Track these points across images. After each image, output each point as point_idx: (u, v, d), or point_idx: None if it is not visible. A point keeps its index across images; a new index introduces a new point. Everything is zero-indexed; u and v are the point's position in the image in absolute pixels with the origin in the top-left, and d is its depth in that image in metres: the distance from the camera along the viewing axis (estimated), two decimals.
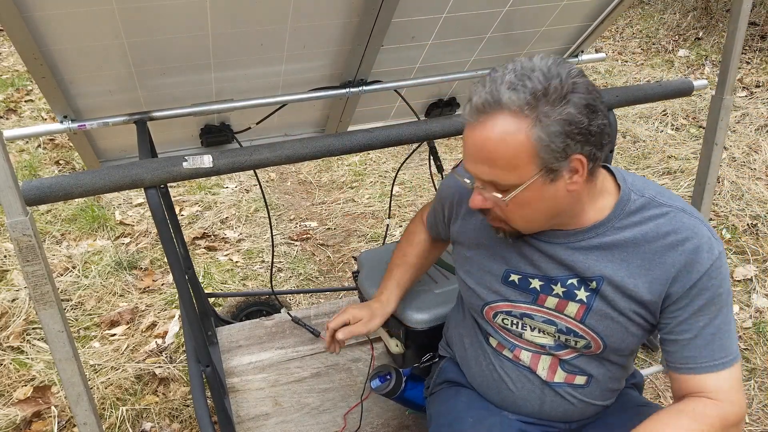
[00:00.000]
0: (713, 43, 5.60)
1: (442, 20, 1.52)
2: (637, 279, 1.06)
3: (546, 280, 1.13)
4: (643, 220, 1.07)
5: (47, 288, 1.05)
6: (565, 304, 1.12)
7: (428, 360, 1.48)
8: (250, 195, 3.72)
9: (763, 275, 2.75)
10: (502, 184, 0.98)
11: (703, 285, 1.03)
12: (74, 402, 1.14)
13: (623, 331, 1.11)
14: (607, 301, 1.09)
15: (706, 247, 1.03)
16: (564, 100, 0.92)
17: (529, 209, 1.02)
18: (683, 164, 3.72)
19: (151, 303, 2.71)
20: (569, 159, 0.95)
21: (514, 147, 0.94)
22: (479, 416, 1.22)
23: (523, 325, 1.18)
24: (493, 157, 0.96)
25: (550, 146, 0.93)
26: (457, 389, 1.33)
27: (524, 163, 0.95)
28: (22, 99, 5.10)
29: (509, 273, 1.17)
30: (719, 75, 1.60)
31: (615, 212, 1.07)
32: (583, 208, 1.07)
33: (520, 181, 0.97)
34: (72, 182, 1.18)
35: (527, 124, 0.92)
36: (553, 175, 0.97)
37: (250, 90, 1.55)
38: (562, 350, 1.17)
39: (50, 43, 1.18)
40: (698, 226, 1.05)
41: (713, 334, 1.04)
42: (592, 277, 1.09)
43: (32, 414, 2.09)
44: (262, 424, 1.72)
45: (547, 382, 1.20)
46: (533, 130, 0.92)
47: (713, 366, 1.04)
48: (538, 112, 0.92)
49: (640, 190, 1.10)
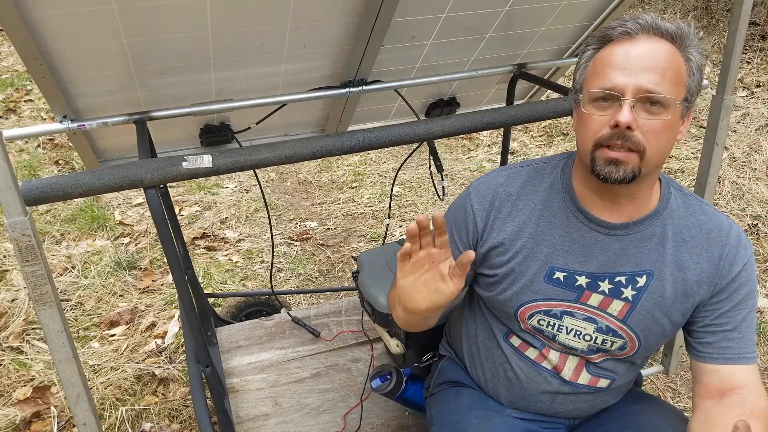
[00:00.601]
0: (714, 42, 5.59)
1: (442, 20, 1.51)
2: (687, 273, 1.09)
3: (593, 277, 1.11)
4: (687, 214, 1.12)
5: (47, 288, 1.05)
6: (610, 302, 1.12)
7: (429, 359, 1.48)
8: (249, 195, 3.72)
9: (763, 275, 2.75)
10: (663, 98, 0.98)
11: (743, 279, 1.08)
12: (74, 402, 1.14)
13: (660, 331, 1.12)
14: (653, 298, 1.10)
15: (744, 243, 1.10)
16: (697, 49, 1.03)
17: (664, 138, 1.01)
18: (684, 164, 3.72)
19: (151, 303, 2.71)
20: (693, 102, 1.03)
21: (678, 63, 1.00)
22: (483, 416, 1.21)
23: (559, 327, 1.15)
24: (664, 66, 0.99)
25: (696, 76, 1.02)
26: (458, 390, 1.33)
27: (680, 83, 1.01)
28: (21, 99, 5.10)
29: (554, 270, 1.13)
30: (720, 75, 1.59)
31: (661, 204, 1.11)
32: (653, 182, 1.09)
33: (677, 97, 1.00)
34: (71, 182, 1.18)
35: (681, 52, 1.01)
36: (685, 108, 1.02)
37: (249, 90, 1.55)
38: (593, 354, 1.16)
39: (50, 43, 1.18)
40: (733, 224, 1.11)
41: (748, 327, 1.09)
42: (642, 271, 1.10)
43: (32, 414, 2.09)
44: (261, 425, 1.72)
45: (567, 382, 1.19)
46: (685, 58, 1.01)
47: (749, 358, 1.08)
48: (688, 48, 1.01)
49: (677, 186, 1.15)
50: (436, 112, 2.01)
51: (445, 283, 1.01)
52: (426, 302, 1.04)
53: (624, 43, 1.00)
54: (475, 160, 4.11)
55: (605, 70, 1.01)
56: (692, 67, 1.01)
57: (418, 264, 1.03)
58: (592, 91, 1.01)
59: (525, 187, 1.17)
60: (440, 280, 1.01)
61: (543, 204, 1.15)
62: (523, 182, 1.18)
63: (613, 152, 1.00)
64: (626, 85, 0.98)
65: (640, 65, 0.98)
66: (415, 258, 1.02)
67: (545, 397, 1.21)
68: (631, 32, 0.99)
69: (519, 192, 1.17)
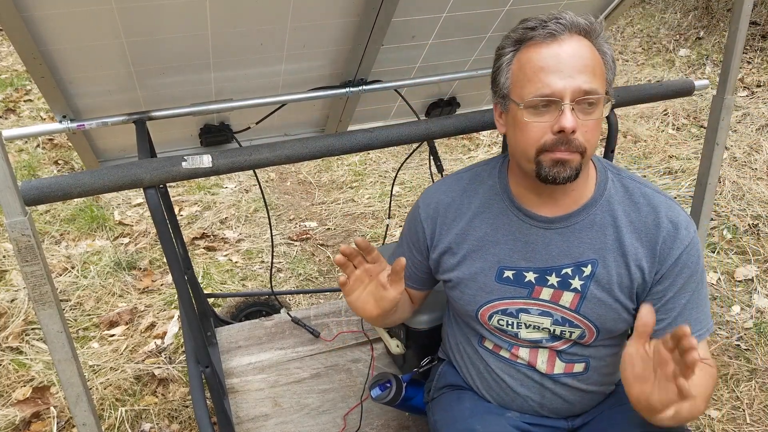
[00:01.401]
0: (714, 42, 5.59)
1: (443, 20, 1.51)
2: (628, 258, 1.09)
3: (540, 272, 1.14)
4: (624, 199, 1.12)
5: (46, 288, 1.05)
6: (560, 294, 1.14)
7: (427, 363, 1.48)
8: (249, 195, 3.72)
9: (764, 275, 2.74)
10: (597, 94, 1.01)
11: (684, 262, 1.08)
12: (73, 403, 1.14)
13: (615, 317, 1.13)
14: (600, 286, 1.11)
15: (684, 225, 1.09)
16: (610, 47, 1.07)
17: (597, 133, 1.05)
18: (684, 164, 3.72)
19: (151, 303, 2.71)
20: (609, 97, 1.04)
21: (598, 58, 1.03)
22: (486, 422, 1.21)
23: (518, 324, 1.19)
24: (592, 65, 1.01)
25: (609, 72, 1.05)
26: (459, 394, 1.33)
27: (603, 76, 1.04)
28: (21, 99, 5.09)
29: (503, 269, 1.17)
30: (720, 75, 1.59)
31: (597, 192, 1.12)
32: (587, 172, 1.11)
33: (604, 92, 1.03)
34: (71, 182, 1.18)
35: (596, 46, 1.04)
36: (606, 101, 1.04)
37: (249, 90, 1.54)
38: (557, 341, 1.19)
39: (49, 43, 1.18)
40: (674, 206, 1.11)
41: (692, 309, 1.09)
42: (587, 260, 1.11)
43: (31, 414, 2.09)
44: (261, 425, 1.72)
45: (547, 375, 1.20)
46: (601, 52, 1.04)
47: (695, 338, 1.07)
48: (600, 41, 1.04)
49: (616, 170, 1.15)
50: (436, 112, 2.01)
51: (386, 291, 1.13)
52: (376, 309, 1.17)
53: (550, 44, 1.00)
54: (475, 160, 4.11)
55: (538, 75, 1.00)
56: (608, 60, 1.05)
57: (359, 280, 1.16)
58: (530, 100, 1.01)
59: (466, 192, 1.22)
60: (382, 289, 1.13)
61: (484, 206, 1.19)
62: (464, 187, 1.23)
63: (558, 154, 1.02)
64: (564, 89, 0.99)
65: (574, 67, 0.99)
66: (353, 277, 1.15)
67: (533, 395, 1.23)
68: (555, 33, 1.00)
69: (461, 197, 1.22)
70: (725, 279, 2.75)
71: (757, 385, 2.18)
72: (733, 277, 2.76)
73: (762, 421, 2.05)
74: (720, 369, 2.27)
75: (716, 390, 2.17)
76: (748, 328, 2.45)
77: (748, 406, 2.11)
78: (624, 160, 3.93)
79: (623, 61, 5.70)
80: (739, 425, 2.04)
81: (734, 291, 2.68)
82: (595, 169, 1.14)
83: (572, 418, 1.27)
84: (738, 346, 2.37)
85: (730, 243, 2.99)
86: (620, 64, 5.60)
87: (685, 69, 5.30)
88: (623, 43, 6.16)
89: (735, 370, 2.26)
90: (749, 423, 2.05)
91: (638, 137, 4.17)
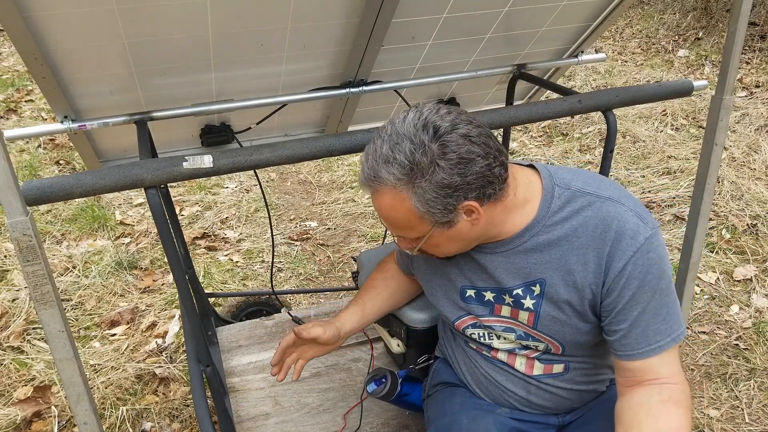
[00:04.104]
0: (713, 43, 5.60)
1: (442, 20, 1.52)
2: (575, 275, 1.07)
3: (497, 291, 1.17)
4: (571, 214, 1.08)
5: (47, 288, 1.05)
6: (517, 313, 1.16)
7: (424, 361, 1.49)
8: (250, 195, 3.72)
9: (762, 275, 2.75)
10: (408, 239, 1.09)
11: (629, 273, 1.03)
12: (74, 402, 1.14)
13: (575, 331, 1.12)
14: (553, 303, 1.11)
15: (629, 234, 1.03)
16: (432, 167, 0.96)
17: (445, 247, 1.10)
18: (683, 164, 3.72)
19: (152, 303, 2.72)
20: (457, 210, 1.01)
21: (403, 214, 1.02)
22: (474, 416, 1.23)
23: (489, 335, 1.23)
24: (391, 221, 1.06)
25: (431, 210, 1.00)
26: (451, 390, 1.35)
27: (417, 224, 1.03)
28: (22, 99, 5.10)
29: (465, 289, 1.21)
30: (719, 75, 1.60)
31: (541, 212, 1.09)
32: (504, 221, 1.10)
33: (421, 235, 1.06)
34: (72, 182, 1.18)
35: (406, 195, 0.99)
36: (448, 224, 1.04)
37: (250, 90, 1.55)
38: (529, 350, 1.21)
39: (50, 43, 1.18)
40: (623, 214, 1.05)
41: (648, 320, 1.04)
42: (534, 280, 1.11)
43: (32, 414, 2.09)
44: (262, 424, 1.72)
45: (528, 375, 1.22)
46: (412, 200, 0.99)
47: (650, 351, 1.05)
48: (413, 185, 0.98)
49: (566, 183, 1.10)
50: None
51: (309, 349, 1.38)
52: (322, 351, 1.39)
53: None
54: None
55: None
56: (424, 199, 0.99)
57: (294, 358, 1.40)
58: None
59: None
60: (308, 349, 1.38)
61: None
62: None
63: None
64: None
65: (380, 216, 1.08)
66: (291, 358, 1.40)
67: (520, 390, 1.24)
68: (362, 184, 1.05)
69: None
70: (724, 279, 2.76)
71: (755, 385, 2.18)
72: (731, 277, 2.77)
73: (761, 420, 2.06)
74: (719, 368, 2.27)
75: (715, 389, 2.18)
76: (747, 327, 2.46)
77: (747, 406, 2.11)
78: (623, 160, 3.93)
79: (622, 62, 5.70)
80: (737, 424, 2.04)
81: (733, 291, 2.68)
82: (540, 187, 1.11)
83: (562, 414, 1.28)
84: (737, 346, 2.38)
85: (728, 243, 2.99)
86: (619, 65, 5.60)
87: (684, 69, 5.30)
88: (622, 44, 6.16)
89: (734, 369, 2.26)
90: (748, 422, 2.05)
91: (637, 137, 4.17)
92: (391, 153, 0.97)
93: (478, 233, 1.08)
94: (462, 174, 0.97)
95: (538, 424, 1.27)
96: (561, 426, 1.29)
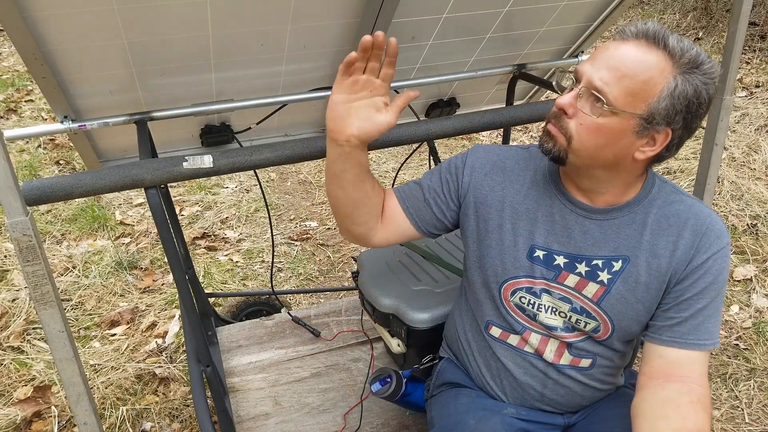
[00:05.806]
0: (713, 43, 5.60)
1: (442, 20, 1.52)
2: (661, 260, 1.10)
3: (571, 258, 1.15)
4: (668, 203, 1.13)
5: (47, 288, 1.05)
6: (585, 284, 1.15)
7: (428, 361, 1.48)
8: (250, 195, 3.72)
9: (762, 275, 2.75)
10: (607, 99, 0.99)
11: (708, 267, 1.08)
12: (74, 402, 1.14)
13: (634, 317, 1.14)
14: (627, 283, 1.12)
15: (717, 233, 1.09)
16: (705, 76, 0.99)
17: (597, 139, 1.02)
18: (683, 164, 3.72)
19: (152, 303, 2.72)
20: (664, 127, 1.00)
21: (649, 79, 0.97)
22: (481, 417, 1.22)
23: (539, 306, 1.19)
24: (628, 74, 0.98)
25: (671, 102, 0.98)
26: (456, 390, 1.34)
27: (641, 98, 0.98)
28: (22, 99, 5.10)
29: (534, 248, 1.18)
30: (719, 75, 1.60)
31: (642, 193, 1.13)
32: (624, 182, 1.11)
33: (624, 108, 0.99)
34: (73, 182, 1.18)
35: (672, 73, 0.97)
36: (643, 128, 1.00)
37: (250, 90, 1.55)
38: (570, 333, 1.19)
39: (50, 43, 1.18)
40: (713, 215, 1.12)
41: (706, 317, 1.09)
42: (619, 256, 1.12)
43: (32, 414, 2.09)
44: (262, 424, 1.72)
45: (552, 364, 1.21)
46: (672, 79, 0.97)
47: (696, 345, 1.08)
48: (684, 71, 0.98)
49: (662, 179, 1.17)
50: (436, 113, 2.01)
51: (381, 114, 1.06)
52: (352, 128, 1.06)
53: (616, 41, 1.02)
54: None
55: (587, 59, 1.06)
56: (669, 92, 0.97)
57: (356, 87, 1.06)
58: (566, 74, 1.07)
59: (519, 164, 1.24)
60: (375, 110, 1.06)
61: (531, 184, 1.21)
62: (518, 160, 1.25)
63: (548, 125, 1.08)
64: (584, 73, 1.02)
65: (606, 62, 1.00)
66: (354, 78, 1.06)
67: (536, 383, 1.23)
68: (623, 34, 1.02)
69: (513, 167, 1.23)
70: None
71: (755, 385, 2.18)
72: (731, 277, 2.77)
73: (761, 420, 2.06)
74: (719, 368, 2.27)
75: (715, 389, 2.18)
76: (747, 327, 2.46)
77: (747, 406, 2.11)
78: None
79: None
80: (737, 424, 2.04)
81: (733, 291, 2.68)
82: (645, 174, 1.15)
83: (569, 414, 1.28)
84: (737, 346, 2.38)
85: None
86: None
87: None
88: None
89: (734, 369, 2.26)
90: (748, 422, 2.05)
91: None
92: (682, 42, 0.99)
93: (615, 164, 1.05)
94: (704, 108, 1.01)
95: (544, 424, 1.27)
96: (566, 426, 1.28)
